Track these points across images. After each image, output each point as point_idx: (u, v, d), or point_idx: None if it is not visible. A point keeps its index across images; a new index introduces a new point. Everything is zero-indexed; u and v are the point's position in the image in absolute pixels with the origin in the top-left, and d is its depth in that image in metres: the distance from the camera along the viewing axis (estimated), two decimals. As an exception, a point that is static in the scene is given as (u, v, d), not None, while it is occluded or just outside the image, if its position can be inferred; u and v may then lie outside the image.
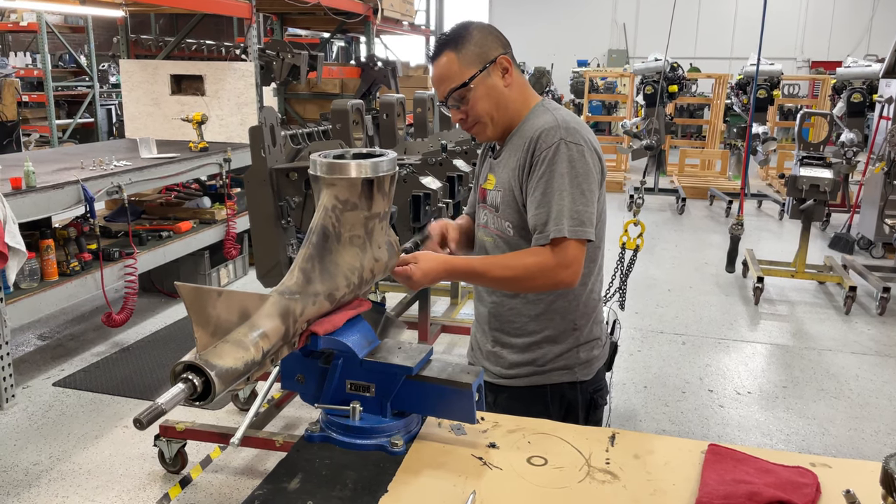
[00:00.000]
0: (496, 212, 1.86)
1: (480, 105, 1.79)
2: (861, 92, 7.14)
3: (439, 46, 1.80)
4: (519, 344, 1.89)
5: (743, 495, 1.24)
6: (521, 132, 1.81)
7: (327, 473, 1.33)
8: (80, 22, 10.74)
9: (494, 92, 1.79)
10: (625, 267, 3.78)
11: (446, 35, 1.81)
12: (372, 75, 7.36)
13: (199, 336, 1.16)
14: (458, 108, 1.81)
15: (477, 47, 1.77)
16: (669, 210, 9.24)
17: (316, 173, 1.42)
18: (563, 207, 1.68)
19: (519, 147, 1.79)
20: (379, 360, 1.42)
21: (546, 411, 1.86)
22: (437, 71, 1.80)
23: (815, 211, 5.50)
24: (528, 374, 1.89)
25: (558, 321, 1.86)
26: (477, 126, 1.84)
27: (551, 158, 1.71)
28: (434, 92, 1.89)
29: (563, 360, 1.88)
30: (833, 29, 18.57)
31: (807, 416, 3.81)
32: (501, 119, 1.82)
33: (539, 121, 1.78)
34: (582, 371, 1.90)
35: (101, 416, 3.64)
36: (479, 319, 2.01)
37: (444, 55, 1.78)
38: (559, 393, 1.89)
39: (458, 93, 1.77)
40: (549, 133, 1.73)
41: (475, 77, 1.76)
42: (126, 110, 6.44)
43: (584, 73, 14.25)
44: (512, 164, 1.81)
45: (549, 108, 1.83)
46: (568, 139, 1.72)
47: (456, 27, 1.82)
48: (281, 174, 2.96)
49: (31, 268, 3.80)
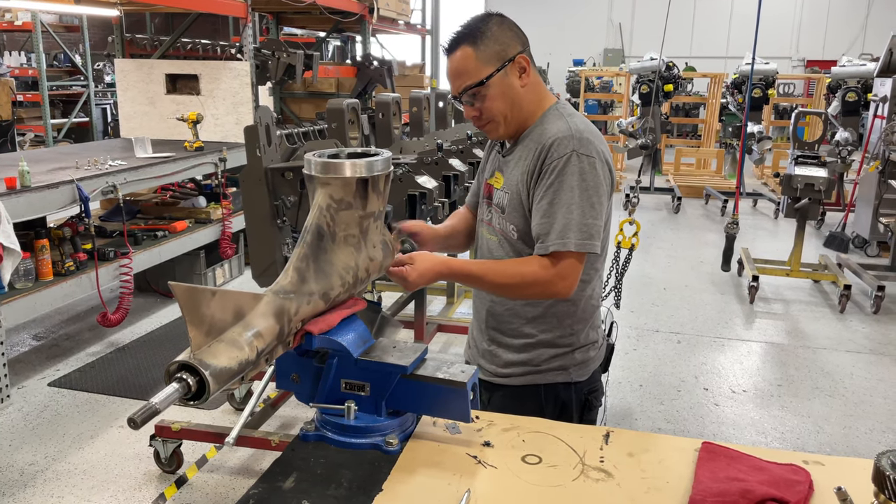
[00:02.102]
0: (502, 213, 1.84)
1: (496, 104, 1.75)
2: (856, 91, 7.17)
3: (456, 40, 1.73)
4: (515, 344, 1.89)
5: (736, 493, 1.24)
6: (534, 136, 1.78)
7: (322, 472, 1.33)
8: (75, 21, 10.71)
9: (511, 91, 1.75)
10: (620, 266, 3.79)
11: (464, 27, 1.74)
12: (368, 74, 7.35)
13: (194, 336, 1.16)
14: (472, 105, 1.77)
15: (496, 44, 1.72)
16: (665, 209, 9.25)
17: (310, 172, 1.42)
18: (570, 220, 1.67)
19: (531, 151, 1.76)
20: (374, 360, 1.42)
21: (540, 410, 1.86)
22: (453, 65, 1.74)
23: (810, 210, 5.51)
24: (522, 374, 1.89)
25: (555, 324, 1.86)
26: (490, 124, 1.80)
27: (562, 169, 1.68)
28: (428, 90, 1.83)
29: (558, 360, 1.88)
30: (828, 28, 18.62)
31: (801, 414, 3.83)
32: (515, 119, 1.79)
33: (553, 127, 1.75)
34: (577, 372, 1.90)
35: (96, 416, 3.64)
36: (477, 318, 2.00)
37: (461, 49, 1.72)
38: (553, 393, 1.89)
39: (473, 90, 1.73)
40: (561, 143, 1.70)
41: (493, 76, 1.71)
42: (121, 109, 6.43)
43: (581, 73, 14.28)
44: (522, 168, 1.78)
45: (563, 114, 1.80)
46: (580, 150, 1.69)
47: (475, 19, 1.75)
48: (276, 173, 2.96)
49: (25, 268, 3.79)
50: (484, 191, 1.96)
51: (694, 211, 9.20)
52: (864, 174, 6.94)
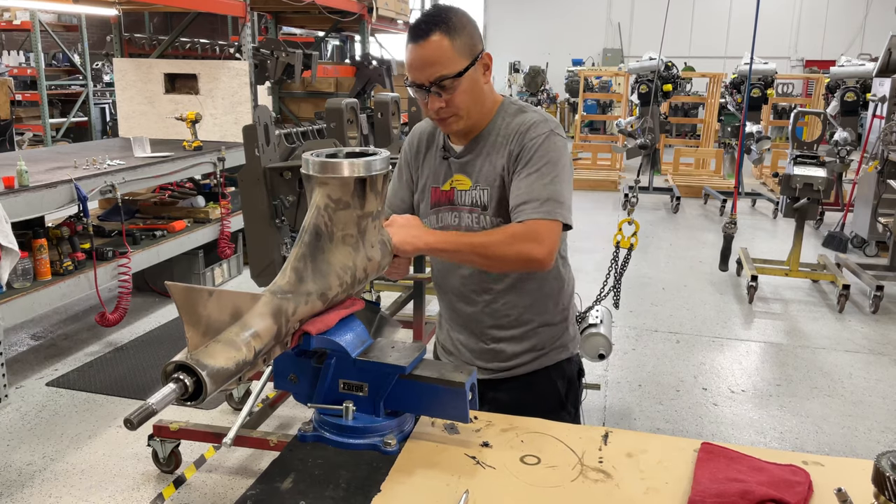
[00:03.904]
0: (484, 210, 1.82)
1: (464, 98, 1.73)
2: (854, 91, 7.16)
3: (430, 24, 1.66)
4: (517, 334, 1.92)
5: (735, 493, 1.24)
6: (499, 129, 1.80)
7: (320, 473, 1.32)
8: (74, 20, 10.70)
9: (476, 87, 1.75)
10: (619, 265, 3.79)
11: (434, 15, 1.68)
12: (367, 74, 7.35)
13: (191, 336, 1.15)
14: (440, 97, 1.72)
15: (468, 37, 1.70)
16: (664, 209, 9.25)
17: (308, 172, 1.41)
18: (554, 192, 1.69)
19: (502, 143, 1.78)
20: (372, 360, 1.41)
21: (554, 389, 1.95)
22: (426, 52, 1.66)
23: (809, 209, 5.51)
24: (531, 360, 1.94)
25: (550, 306, 1.93)
26: (453, 118, 1.77)
27: (542, 144, 1.73)
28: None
29: (559, 339, 1.96)
30: (827, 28, 18.64)
31: (800, 414, 3.82)
32: (475, 115, 1.79)
33: (523, 117, 1.79)
34: (573, 345, 2.02)
35: (94, 415, 3.63)
36: (467, 321, 1.96)
37: (436, 36, 1.65)
38: (560, 370, 1.97)
39: (446, 81, 1.69)
40: (538, 124, 1.76)
41: (468, 69, 1.70)
42: (120, 109, 6.42)
43: (580, 73, 14.27)
44: (498, 161, 1.78)
45: (524, 108, 1.83)
46: (556, 131, 1.76)
47: (443, 9, 1.70)
48: (275, 173, 2.95)
49: (23, 267, 3.79)
50: (439, 197, 1.89)
51: (693, 211, 9.20)
52: (863, 174, 6.94)
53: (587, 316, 3.25)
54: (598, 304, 3.39)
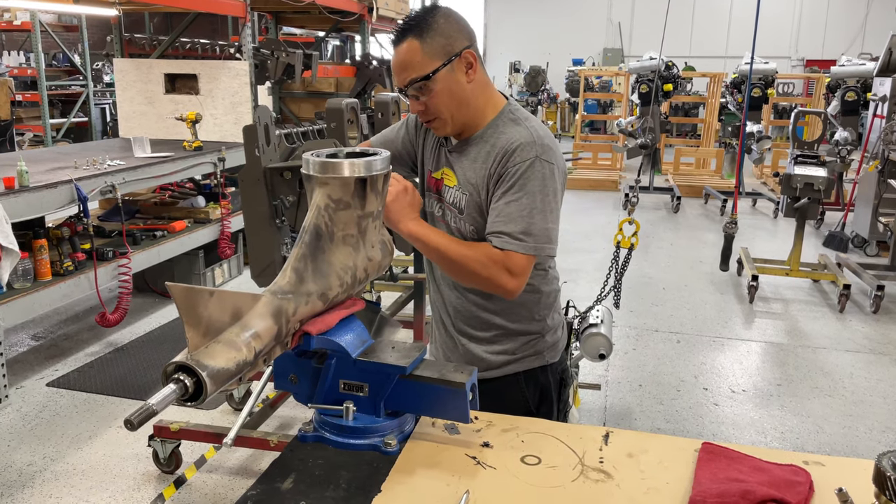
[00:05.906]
0: (460, 213, 1.83)
1: (441, 100, 1.72)
2: (855, 90, 7.16)
3: (403, 31, 1.70)
4: (487, 336, 1.90)
5: (736, 494, 1.24)
6: (491, 139, 1.76)
7: (321, 473, 1.32)
8: (74, 21, 10.70)
9: (457, 87, 1.72)
10: (619, 265, 3.79)
11: (411, 19, 1.71)
12: (367, 74, 7.34)
13: (191, 336, 1.15)
14: (418, 100, 1.73)
15: (442, 37, 1.69)
16: (664, 208, 9.25)
17: (308, 172, 1.41)
18: (531, 224, 1.68)
19: (490, 155, 1.75)
20: (372, 360, 1.41)
21: (522, 397, 1.90)
22: (399, 58, 1.71)
23: (810, 209, 5.51)
24: (501, 364, 1.90)
25: (524, 315, 1.89)
26: (436, 121, 1.78)
27: (524, 173, 1.69)
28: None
29: (532, 346, 1.91)
30: (827, 28, 18.63)
31: (801, 414, 3.82)
32: (461, 117, 1.77)
33: (514, 133, 1.74)
34: (550, 354, 1.94)
35: (95, 416, 3.63)
36: (441, 314, 1.98)
37: (407, 41, 1.68)
38: (533, 377, 1.92)
39: (418, 84, 1.70)
40: (525, 147, 1.70)
41: (438, 71, 1.69)
42: (120, 109, 6.42)
43: (580, 72, 14.27)
44: (480, 172, 1.76)
45: (520, 119, 1.78)
46: (543, 156, 1.70)
47: (421, 12, 1.72)
48: (275, 173, 2.95)
49: (24, 268, 3.79)
50: (430, 183, 1.93)
51: (693, 210, 9.20)
52: (864, 174, 6.93)
53: (587, 316, 3.25)
54: (598, 304, 3.39)
